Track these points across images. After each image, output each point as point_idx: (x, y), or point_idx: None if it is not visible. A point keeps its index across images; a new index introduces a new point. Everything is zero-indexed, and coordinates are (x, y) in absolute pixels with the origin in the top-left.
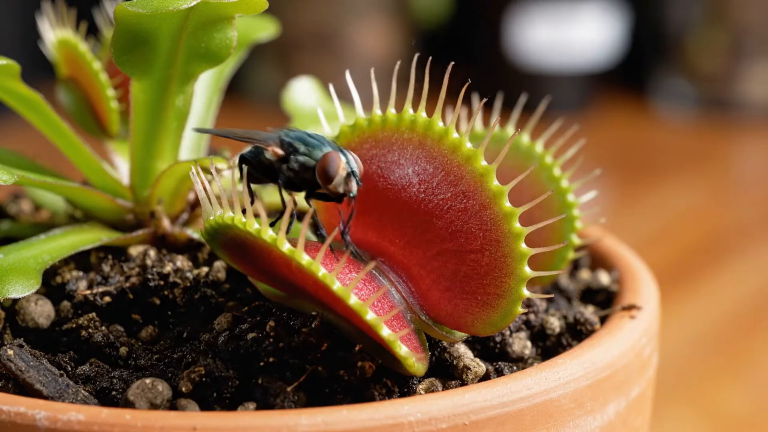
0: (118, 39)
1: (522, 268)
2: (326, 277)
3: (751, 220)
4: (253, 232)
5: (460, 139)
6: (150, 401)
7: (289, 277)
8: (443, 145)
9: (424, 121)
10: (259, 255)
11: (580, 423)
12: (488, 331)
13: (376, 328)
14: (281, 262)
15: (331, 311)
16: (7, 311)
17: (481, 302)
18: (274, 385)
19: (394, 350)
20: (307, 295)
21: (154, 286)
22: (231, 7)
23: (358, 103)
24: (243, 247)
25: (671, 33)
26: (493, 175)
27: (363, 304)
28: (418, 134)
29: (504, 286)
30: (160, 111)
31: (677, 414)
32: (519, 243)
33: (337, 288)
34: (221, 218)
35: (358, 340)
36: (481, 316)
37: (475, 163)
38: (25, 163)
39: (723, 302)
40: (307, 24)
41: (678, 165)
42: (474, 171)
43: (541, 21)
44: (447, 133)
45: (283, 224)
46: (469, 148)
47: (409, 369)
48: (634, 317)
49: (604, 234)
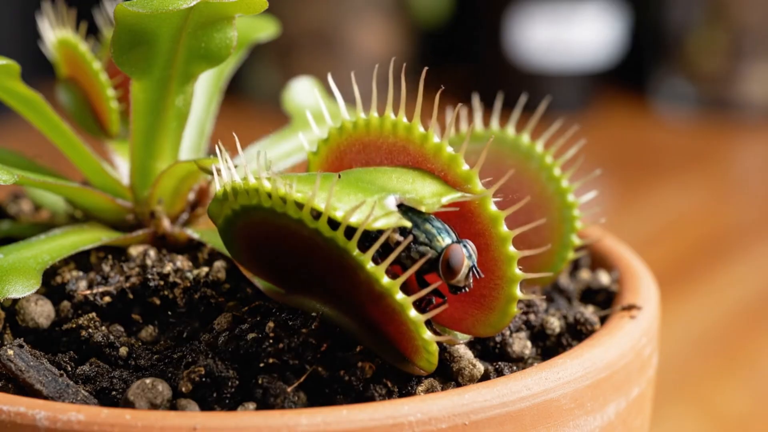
0: (118, 39)
1: (512, 270)
2: (360, 256)
3: (751, 220)
4: (291, 199)
5: (440, 144)
6: (150, 401)
7: (307, 261)
8: (425, 150)
9: (405, 125)
10: (282, 236)
11: (580, 423)
12: (488, 332)
13: (404, 308)
14: (306, 242)
15: (342, 301)
16: (7, 311)
17: (477, 304)
18: (274, 385)
19: (418, 333)
20: (320, 284)
21: (154, 286)
22: (231, 7)
23: (359, 103)
24: (262, 230)
25: (671, 33)
26: (476, 179)
27: (394, 283)
28: (401, 138)
29: (497, 288)
30: (160, 111)
31: (677, 414)
32: (507, 246)
33: (371, 268)
34: (248, 198)
35: (360, 336)
36: (480, 318)
37: (456, 168)
38: (25, 163)
39: (723, 302)
40: (307, 24)
41: (678, 165)
42: (456, 176)
43: (541, 21)
44: (427, 138)
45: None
46: (450, 153)
47: (427, 358)
48: (634, 317)
49: (604, 234)
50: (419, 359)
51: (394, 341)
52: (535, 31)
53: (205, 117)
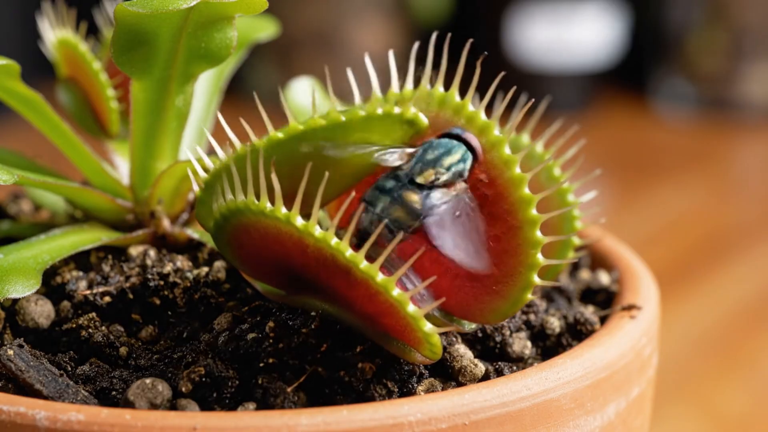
0: (118, 39)
1: (535, 256)
2: (354, 257)
3: (751, 220)
4: (267, 212)
5: (489, 123)
6: (150, 401)
7: (300, 265)
8: (461, 118)
9: (441, 94)
10: (272, 241)
11: (580, 423)
12: (497, 320)
13: (402, 304)
14: (296, 248)
15: (339, 300)
16: (7, 311)
17: (491, 291)
18: (274, 385)
19: (419, 327)
20: (316, 285)
21: (154, 286)
22: (231, 7)
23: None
24: (253, 235)
25: (671, 33)
26: (505, 145)
27: (389, 280)
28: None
29: (516, 273)
30: (160, 111)
31: (677, 414)
32: (535, 230)
33: (365, 267)
34: (235, 203)
35: (362, 330)
36: (491, 305)
37: (490, 135)
38: (25, 163)
39: (723, 302)
40: (307, 23)
41: (678, 165)
42: (488, 142)
43: (541, 21)
44: (464, 106)
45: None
46: (496, 135)
47: (430, 348)
48: (634, 317)
49: (604, 234)
50: (423, 349)
51: (395, 333)
52: (535, 31)
53: (205, 117)
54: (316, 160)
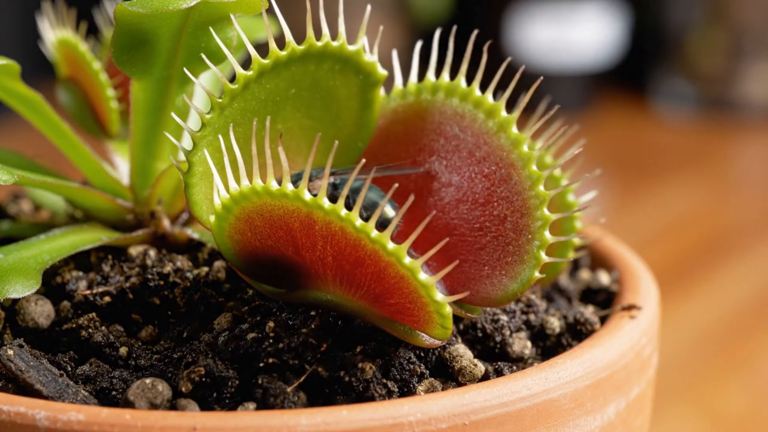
0: (118, 39)
1: (543, 234)
2: (365, 226)
3: (751, 220)
4: (275, 192)
5: (497, 104)
6: (150, 401)
7: (304, 250)
8: (478, 114)
9: (463, 89)
10: (277, 226)
11: (580, 423)
12: (505, 301)
13: (413, 272)
14: (303, 227)
15: (344, 283)
16: (7, 311)
17: (499, 271)
18: (274, 385)
19: (430, 296)
20: (318, 274)
21: (154, 286)
22: (231, 7)
23: None
24: (257, 223)
25: (671, 33)
26: (525, 142)
27: (401, 248)
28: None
29: (524, 252)
30: (160, 111)
31: (677, 414)
32: (543, 208)
33: (376, 235)
34: (246, 188)
35: (364, 316)
36: (500, 285)
37: (508, 130)
38: (25, 163)
39: (723, 302)
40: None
41: (678, 165)
42: (507, 138)
43: (541, 21)
44: (483, 100)
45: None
46: (504, 115)
47: (441, 323)
48: (634, 317)
49: (604, 234)
50: (432, 327)
51: (404, 314)
52: (536, 31)
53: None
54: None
